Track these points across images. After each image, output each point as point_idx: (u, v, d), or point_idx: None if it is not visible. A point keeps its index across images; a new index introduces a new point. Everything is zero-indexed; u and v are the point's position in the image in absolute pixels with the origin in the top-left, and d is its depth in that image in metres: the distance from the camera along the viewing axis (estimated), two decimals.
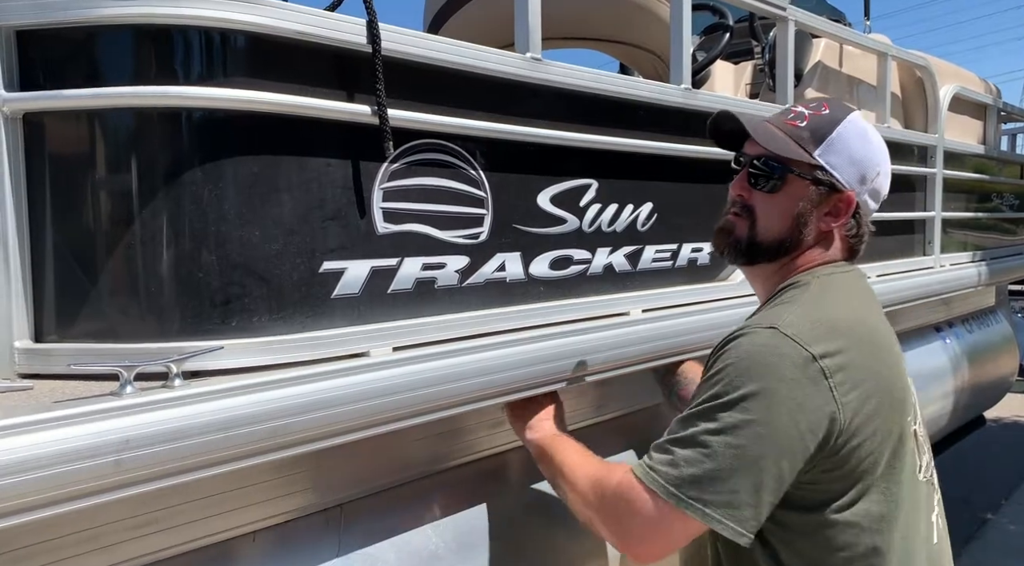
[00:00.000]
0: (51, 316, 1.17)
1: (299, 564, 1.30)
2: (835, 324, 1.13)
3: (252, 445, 1.06)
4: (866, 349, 1.13)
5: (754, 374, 1.06)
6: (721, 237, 1.32)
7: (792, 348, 1.08)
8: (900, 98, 3.33)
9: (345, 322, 1.27)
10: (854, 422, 1.08)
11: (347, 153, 1.27)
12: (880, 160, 1.28)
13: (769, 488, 1.06)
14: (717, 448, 1.05)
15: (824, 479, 1.11)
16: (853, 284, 1.28)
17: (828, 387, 1.06)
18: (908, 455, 1.16)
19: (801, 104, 1.32)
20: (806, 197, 1.25)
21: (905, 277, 2.91)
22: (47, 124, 1.15)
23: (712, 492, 1.05)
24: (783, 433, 1.05)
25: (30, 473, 0.86)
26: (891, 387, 1.14)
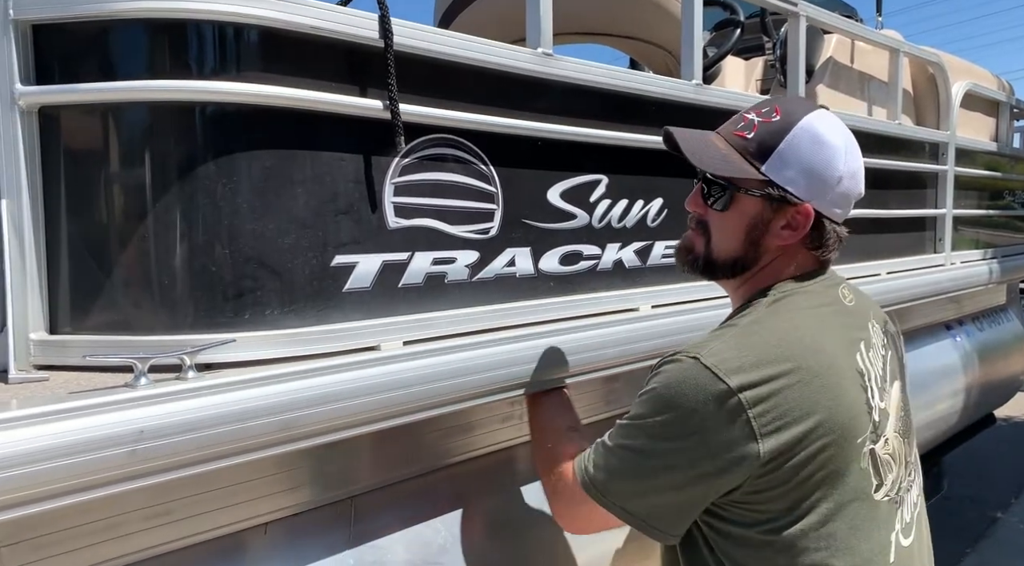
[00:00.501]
0: (66, 308, 1.18)
1: (309, 556, 1.31)
2: (766, 352, 1.09)
3: (264, 437, 1.07)
4: (801, 375, 1.08)
5: (670, 403, 1.09)
6: (681, 254, 1.30)
7: (709, 380, 1.07)
8: (912, 95, 3.31)
9: (356, 316, 1.27)
10: (781, 452, 1.06)
11: (359, 148, 1.27)
12: (839, 164, 1.18)
13: (678, 505, 1.13)
14: (632, 465, 1.14)
15: (754, 501, 1.11)
16: (812, 298, 1.21)
17: (746, 419, 1.05)
18: (854, 476, 1.11)
19: (754, 110, 1.22)
20: (757, 213, 1.20)
21: (915, 275, 2.90)
22: (62, 118, 1.16)
23: (627, 498, 1.15)
24: (689, 462, 1.09)
25: (47, 463, 0.88)
26: (832, 411, 1.09)
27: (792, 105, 1.21)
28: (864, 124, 2.63)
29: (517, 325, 1.51)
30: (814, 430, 1.07)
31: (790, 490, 1.08)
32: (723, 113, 2.00)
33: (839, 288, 1.26)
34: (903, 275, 2.83)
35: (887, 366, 1.25)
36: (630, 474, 1.14)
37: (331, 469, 1.37)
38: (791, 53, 2.27)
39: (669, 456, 1.10)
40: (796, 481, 1.08)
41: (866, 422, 1.14)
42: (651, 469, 1.11)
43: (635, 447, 1.13)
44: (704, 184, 1.24)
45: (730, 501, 1.12)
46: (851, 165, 1.20)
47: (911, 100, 3.32)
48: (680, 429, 1.08)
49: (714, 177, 1.21)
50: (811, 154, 1.17)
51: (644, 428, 1.12)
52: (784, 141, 1.16)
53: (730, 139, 1.21)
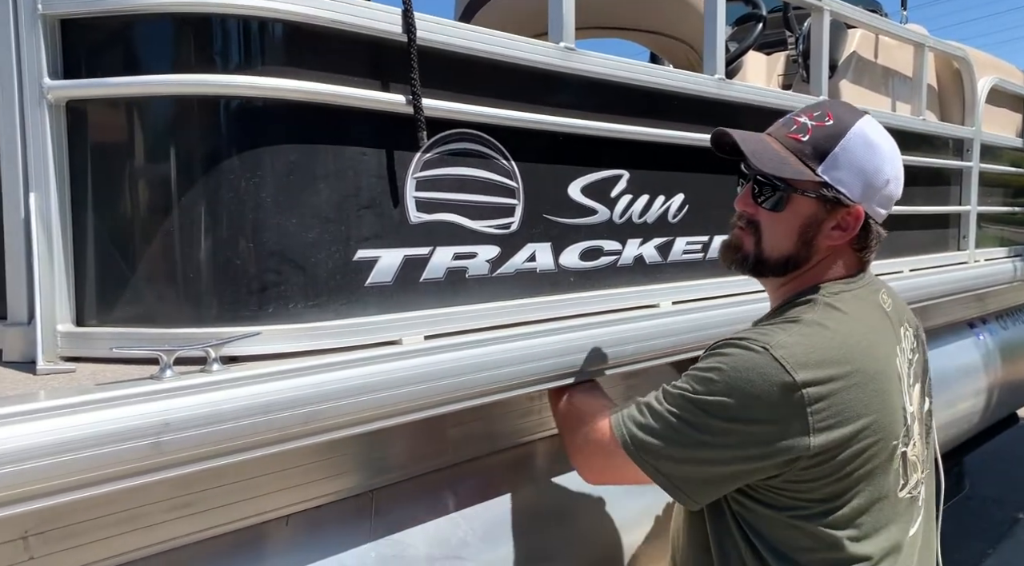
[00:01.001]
0: (92, 301, 1.19)
1: (330, 548, 1.32)
2: (829, 351, 1.14)
3: (287, 430, 1.07)
4: (857, 378, 1.14)
5: (734, 386, 1.12)
6: (728, 253, 1.32)
7: (777, 372, 1.11)
8: (936, 90, 3.27)
9: (378, 310, 1.28)
10: (829, 449, 1.11)
11: (381, 142, 1.28)
12: (888, 167, 1.23)
13: (713, 478, 1.17)
14: (678, 432, 1.16)
15: (792, 489, 1.15)
16: (860, 302, 1.25)
17: (805, 414, 1.10)
18: (888, 476, 1.18)
19: (805, 113, 1.26)
20: (812, 214, 1.23)
21: (938, 272, 2.87)
22: (89, 112, 1.17)
23: (663, 461, 1.18)
24: (740, 444, 1.13)
25: (74, 453, 0.88)
26: (879, 414, 1.15)
27: (843, 110, 1.25)
28: (888, 120, 2.60)
29: (537, 320, 1.51)
30: (863, 431, 1.13)
31: (829, 484, 1.14)
32: (746, 108, 2.00)
33: (880, 293, 1.30)
34: (926, 272, 2.80)
35: (912, 369, 1.29)
36: (674, 441, 1.17)
37: (352, 462, 1.37)
38: (814, 48, 2.24)
39: (721, 435, 1.14)
40: (837, 476, 1.13)
41: (901, 425, 1.19)
42: (698, 442, 1.15)
43: (686, 418, 1.16)
44: (756, 184, 1.25)
45: (767, 485, 1.16)
46: (896, 168, 1.25)
47: (935, 95, 3.28)
48: (739, 412, 1.12)
49: (768, 178, 1.22)
50: (864, 158, 1.20)
51: (700, 403, 1.15)
52: (839, 145, 1.20)
53: (784, 142, 1.24)
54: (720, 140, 1.27)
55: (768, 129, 1.29)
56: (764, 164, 1.21)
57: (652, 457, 1.18)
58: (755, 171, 1.23)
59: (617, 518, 1.69)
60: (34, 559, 1.02)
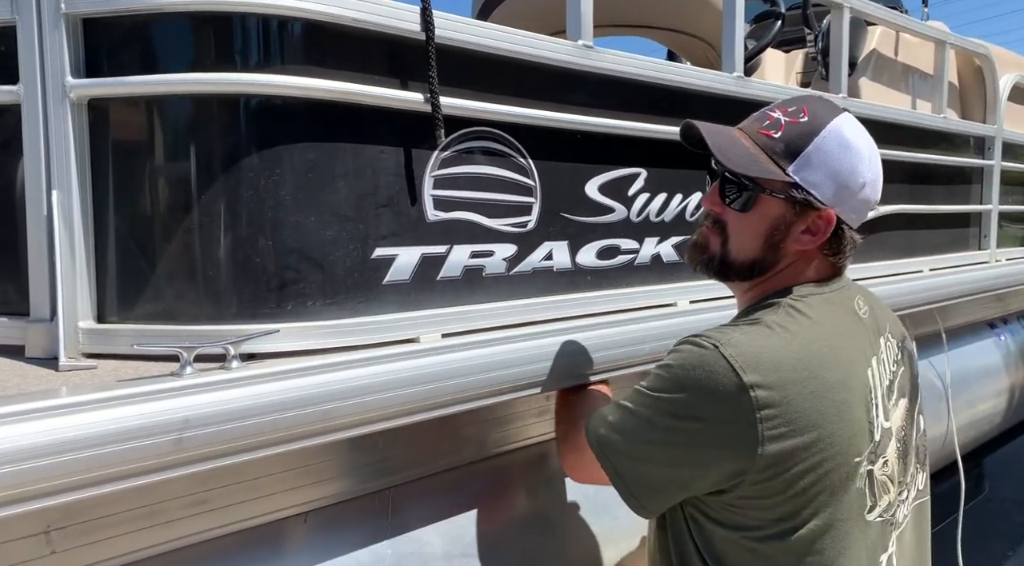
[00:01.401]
0: (113, 298, 1.20)
1: (348, 545, 1.32)
2: (784, 355, 1.07)
3: (306, 427, 1.08)
4: (814, 385, 1.06)
5: (682, 384, 1.09)
6: (694, 253, 1.25)
7: (725, 371, 1.04)
8: (957, 88, 3.24)
9: (395, 308, 1.28)
10: (779, 458, 1.04)
11: (399, 140, 1.28)
12: (864, 170, 1.15)
13: (664, 482, 1.14)
14: (633, 430, 1.15)
15: (744, 506, 1.09)
16: (829, 306, 1.17)
17: (753, 419, 1.03)
18: (849, 495, 1.09)
19: (780, 108, 1.18)
20: (779, 216, 1.16)
21: (958, 272, 2.84)
22: (111, 110, 1.18)
23: (620, 459, 1.16)
24: (688, 442, 1.09)
25: (96, 449, 0.89)
26: (836, 427, 1.07)
27: (819, 106, 1.17)
28: (908, 118, 2.57)
29: (554, 319, 1.50)
30: (816, 443, 1.05)
31: (782, 501, 1.06)
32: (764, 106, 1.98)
33: (855, 298, 1.23)
34: (946, 272, 2.77)
35: (896, 383, 1.21)
36: (630, 438, 1.15)
37: (370, 460, 1.38)
38: (834, 45, 2.23)
39: (670, 433, 1.10)
40: (789, 493, 1.06)
41: (866, 442, 1.11)
42: (648, 440, 1.13)
43: (641, 415, 1.13)
44: (723, 182, 1.19)
45: (720, 502, 1.10)
46: (874, 171, 1.17)
47: (956, 93, 3.25)
48: (686, 411, 1.08)
49: (736, 176, 1.16)
50: (838, 159, 1.13)
51: (651, 400, 1.12)
52: (812, 143, 1.13)
53: (755, 137, 1.17)
54: (688, 133, 1.21)
55: (740, 123, 1.22)
56: (731, 161, 1.14)
57: (611, 453, 1.16)
58: (722, 168, 1.17)
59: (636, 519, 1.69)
60: (56, 553, 1.03)
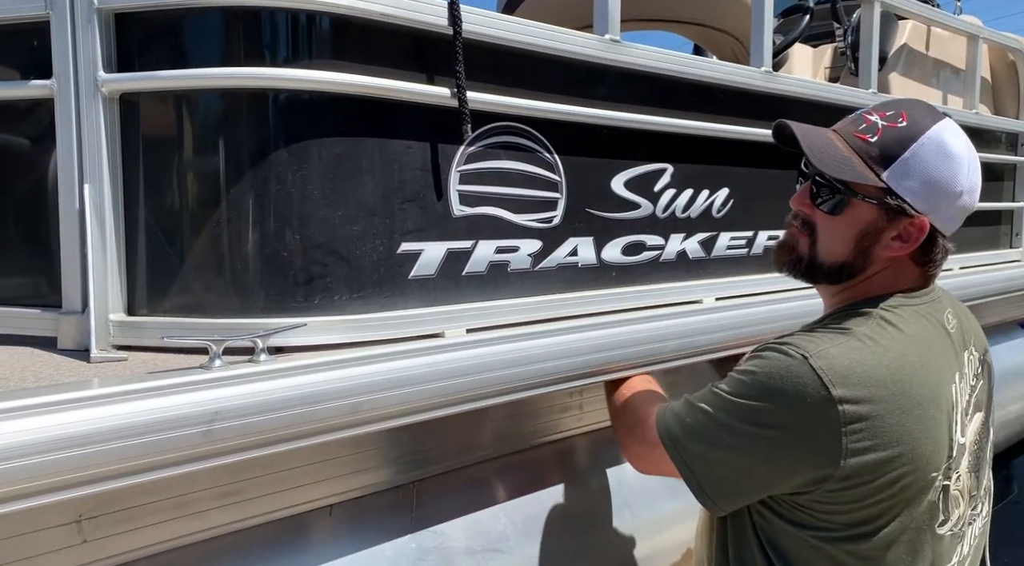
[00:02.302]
0: (143, 291, 1.21)
1: (372, 538, 1.33)
2: (875, 370, 1.06)
3: (332, 420, 1.08)
4: (901, 403, 1.06)
5: (767, 392, 1.08)
6: (782, 253, 1.24)
7: (814, 383, 1.04)
8: (990, 83, 3.18)
9: (421, 303, 1.28)
10: (861, 473, 1.04)
11: (426, 135, 1.28)
12: (963, 178, 1.12)
13: (739, 484, 1.13)
14: (711, 435, 1.14)
15: (818, 509, 1.09)
16: (921, 320, 1.15)
17: (838, 433, 1.03)
18: (922, 508, 1.09)
19: (877, 111, 1.16)
20: (871, 221, 1.13)
21: (989, 270, 2.80)
22: (142, 104, 1.19)
23: (694, 459, 1.16)
24: (768, 453, 1.09)
25: (129, 440, 0.90)
26: (918, 444, 1.06)
27: (919, 111, 1.15)
28: None
29: (579, 315, 1.50)
30: (898, 458, 1.05)
31: (856, 509, 1.07)
32: (793, 101, 1.96)
33: (945, 311, 1.20)
34: (975, 270, 2.73)
35: (974, 397, 1.20)
36: (705, 440, 1.14)
37: (395, 454, 1.38)
38: (864, 40, 2.20)
39: (749, 440, 1.09)
40: (866, 503, 1.06)
41: (944, 457, 1.11)
42: (727, 445, 1.12)
43: (719, 419, 1.12)
44: (814, 184, 1.17)
45: (793, 501, 1.10)
46: (972, 179, 1.14)
47: (989, 88, 3.19)
48: (769, 419, 1.07)
49: (827, 179, 1.14)
50: (936, 166, 1.11)
51: (733, 406, 1.11)
52: (910, 150, 1.10)
53: (850, 140, 1.15)
54: (780, 132, 1.20)
55: (835, 125, 1.21)
56: (824, 164, 1.12)
57: (683, 453, 1.16)
58: (814, 170, 1.16)
59: (657, 516, 1.68)
60: (87, 542, 1.04)
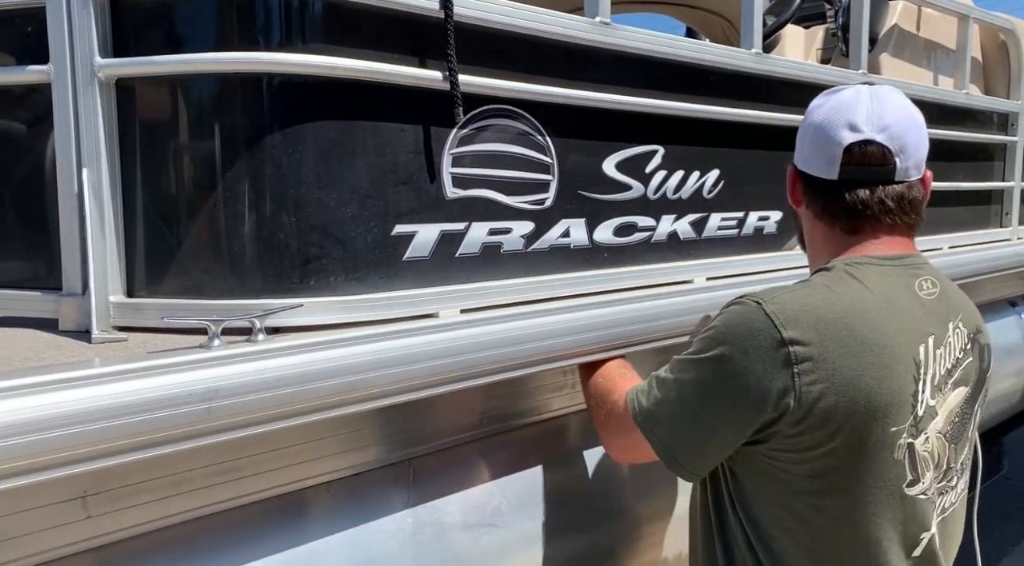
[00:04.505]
0: (142, 273, 1.23)
1: (369, 514, 1.36)
2: (826, 315, 1.12)
3: (329, 398, 1.11)
4: (851, 345, 1.10)
5: (726, 341, 1.15)
6: (800, 243, 1.45)
7: (766, 326, 1.11)
8: (981, 63, 3.20)
9: (415, 284, 1.31)
10: (813, 411, 1.09)
11: (419, 118, 1.30)
12: (812, 119, 1.26)
13: (710, 442, 1.18)
14: (677, 396, 1.20)
15: (777, 458, 1.15)
16: (884, 278, 1.19)
17: (791, 373, 1.09)
18: (883, 464, 1.12)
19: None
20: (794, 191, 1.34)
21: (979, 249, 2.83)
22: (138, 89, 1.20)
23: (664, 430, 1.21)
24: (730, 399, 1.14)
25: (130, 417, 0.93)
26: (872, 389, 1.09)
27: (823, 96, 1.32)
28: (927, 94, 2.55)
29: (571, 295, 1.52)
30: (850, 403, 1.09)
31: (815, 457, 1.11)
32: (783, 83, 1.98)
33: (919, 278, 1.23)
34: (964, 249, 2.76)
35: (958, 370, 1.22)
36: (675, 406, 1.20)
37: (391, 431, 1.41)
38: (854, 21, 2.21)
39: (713, 393, 1.16)
40: (823, 449, 1.11)
41: (906, 413, 1.13)
42: (693, 404, 1.18)
43: (684, 380, 1.19)
44: None
45: (757, 453, 1.15)
46: (823, 114, 1.24)
47: (980, 69, 3.20)
48: (727, 365, 1.13)
49: None
50: (802, 126, 1.30)
51: (696, 362, 1.18)
52: (801, 127, 1.31)
53: None
54: None
55: None
56: None
57: (656, 425, 1.21)
58: None
59: (651, 490, 1.72)
60: (91, 518, 1.07)
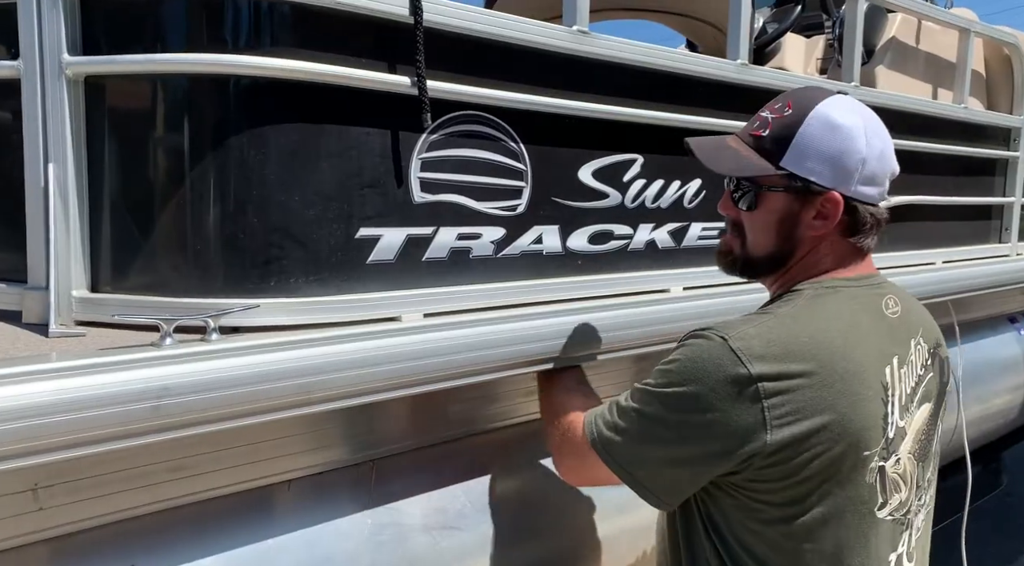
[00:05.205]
0: (107, 268, 1.25)
1: (329, 513, 1.37)
2: (794, 347, 1.11)
3: (281, 399, 1.12)
4: (821, 376, 1.09)
5: (689, 377, 1.12)
6: (721, 258, 1.32)
7: (732, 363, 1.09)
8: (983, 77, 3.17)
9: (379, 287, 1.31)
10: (787, 444, 1.08)
11: (387, 123, 1.30)
12: (859, 145, 1.16)
13: (677, 476, 1.16)
14: (640, 429, 1.17)
15: (753, 488, 1.13)
16: (852, 301, 1.20)
17: (760, 408, 1.07)
18: (857, 488, 1.12)
19: (768, 106, 1.24)
20: (785, 208, 1.20)
21: (977, 264, 2.81)
22: (106, 87, 1.22)
23: (629, 460, 1.19)
24: (698, 438, 1.12)
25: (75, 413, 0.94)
26: (845, 418, 1.10)
27: (804, 96, 1.21)
28: (922, 107, 2.53)
29: (543, 302, 1.53)
30: (824, 430, 1.09)
31: (789, 486, 1.10)
32: (769, 94, 1.96)
33: (884, 297, 1.24)
34: (963, 265, 2.74)
35: (920, 387, 1.23)
36: (637, 438, 1.17)
37: (355, 432, 1.42)
38: (847, 33, 2.20)
39: (679, 428, 1.13)
40: (797, 478, 1.10)
41: (878, 437, 1.14)
42: (658, 437, 1.15)
43: (648, 413, 1.16)
44: (731, 188, 1.26)
45: (730, 483, 1.14)
46: (874, 145, 1.18)
47: (983, 83, 3.17)
48: (695, 404, 1.11)
49: (740, 179, 1.23)
50: (827, 141, 1.16)
51: (660, 397, 1.15)
52: (798, 133, 1.17)
53: (746, 140, 1.24)
54: (688, 149, 1.30)
55: (738, 130, 1.29)
56: (721, 167, 1.24)
57: (618, 455, 1.18)
58: (726, 175, 1.26)
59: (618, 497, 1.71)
60: (43, 510, 1.09)
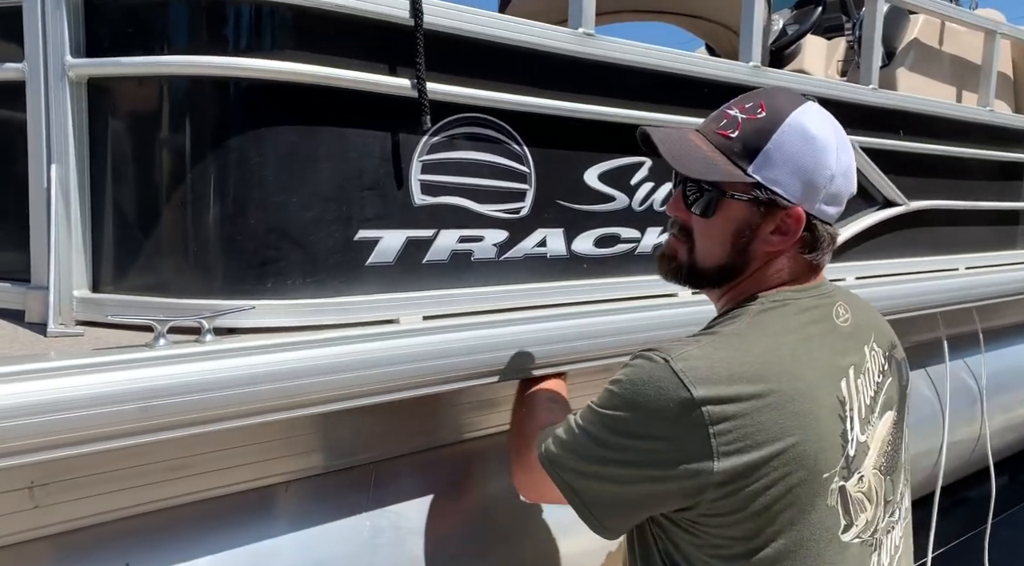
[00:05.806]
0: (109, 269, 1.26)
1: (327, 516, 1.37)
2: (741, 368, 1.03)
3: (274, 401, 1.12)
4: (772, 398, 1.02)
5: (629, 401, 1.05)
6: (663, 262, 1.21)
7: (674, 386, 1.01)
8: (1012, 79, 3.10)
9: (377, 289, 1.31)
10: (738, 474, 1.00)
11: (387, 125, 1.30)
12: (831, 161, 1.08)
13: (619, 500, 1.09)
14: (584, 447, 1.10)
15: (708, 523, 1.05)
16: (802, 314, 1.12)
17: (705, 435, 0.99)
18: (819, 513, 1.04)
19: (737, 105, 1.13)
20: (745, 218, 1.10)
21: (1005, 270, 2.75)
22: (109, 89, 1.23)
23: (574, 478, 1.11)
24: (638, 462, 1.05)
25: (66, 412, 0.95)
26: (800, 441, 1.02)
27: (778, 99, 1.12)
28: (944, 110, 2.48)
29: (546, 306, 1.52)
30: (778, 456, 1.01)
31: (744, 518, 1.03)
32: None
33: (834, 306, 1.16)
34: (986, 271, 2.68)
35: (880, 395, 1.16)
36: (581, 456, 1.10)
37: (355, 435, 1.42)
38: (866, 35, 2.16)
39: (620, 451, 1.06)
40: (753, 509, 1.02)
41: (837, 456, 1.06)
42: (600, 458, 1.08)
43: (591, 433, 1.09)
44: (685, 188, 1.14)
45: (684, 519, 1.07)
46: (844, 162, 1.10)
47: (1010, 85, 3.11)
48: (636, 429, 1.05)
49: (696, 181, 1.12)
50: (801, 153, 1.07)
51: (603, 418, 1.08)
52: (771, 140, 1.07)
53: (712, 138, 1.12)
54: (644, 140, 1.16)
55: (699, 125, 1.17)
56: (688, 167, 1.10)
57: (562, 471, 1.12)
58: (683, 174, 1.13)
59: None
60: (39, 508, 1.10)
